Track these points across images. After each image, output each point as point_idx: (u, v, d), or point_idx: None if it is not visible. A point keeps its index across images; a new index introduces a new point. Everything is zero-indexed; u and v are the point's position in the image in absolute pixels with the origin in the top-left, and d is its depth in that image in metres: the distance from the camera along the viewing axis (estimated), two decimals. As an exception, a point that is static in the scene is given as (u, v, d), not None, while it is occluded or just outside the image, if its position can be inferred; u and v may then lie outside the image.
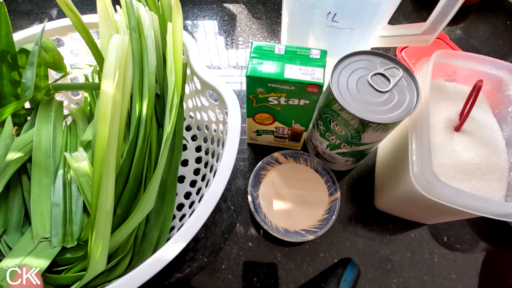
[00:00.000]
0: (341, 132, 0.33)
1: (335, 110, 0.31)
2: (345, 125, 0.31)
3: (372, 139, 0.32)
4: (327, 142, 0.37)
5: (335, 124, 0.33)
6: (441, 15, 0.36)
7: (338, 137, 0.34)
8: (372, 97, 0.30)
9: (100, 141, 0.24)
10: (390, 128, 0.31)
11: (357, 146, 0.34)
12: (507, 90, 0.36)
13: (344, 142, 0.35)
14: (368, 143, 0.33)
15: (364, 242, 0.38)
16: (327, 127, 0.35)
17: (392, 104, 0.30)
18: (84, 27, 0.31)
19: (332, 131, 0.34)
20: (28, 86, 0.31)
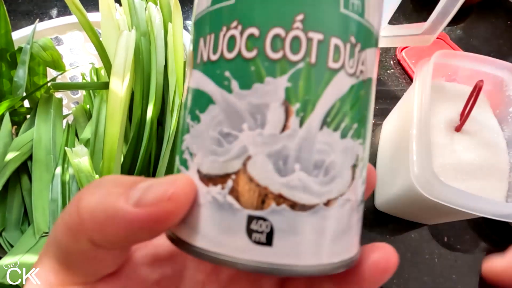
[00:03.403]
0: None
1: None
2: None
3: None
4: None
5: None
6: (441, 15, 0.36)
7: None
8: None
9: (110, 139, 0.24)
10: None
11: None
12: (507, 91, 0.36)
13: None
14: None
15: (364, 242, 0.38)
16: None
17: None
18: (90, 25, 0.31)
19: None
20: (20, 85, 0.31)
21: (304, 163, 0.10)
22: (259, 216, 0.10)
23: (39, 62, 0.34)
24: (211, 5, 0.10)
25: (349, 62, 0.10)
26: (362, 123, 0.11)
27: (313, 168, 0.10)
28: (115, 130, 0.24)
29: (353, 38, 0.10)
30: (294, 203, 0.10)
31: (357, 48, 0.10)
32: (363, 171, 0.11)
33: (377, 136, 0.46)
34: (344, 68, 0.10)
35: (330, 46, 0.09)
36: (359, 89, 0.10)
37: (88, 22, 0.31)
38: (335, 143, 0.10)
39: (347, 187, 0.10)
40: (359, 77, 0.10)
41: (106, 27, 0.32)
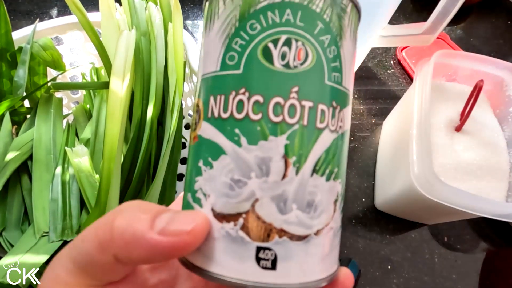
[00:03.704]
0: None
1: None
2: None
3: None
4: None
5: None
6: (441, 15, 0.36)
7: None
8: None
9: (110, 139, 0.24)
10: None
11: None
12: (508, 90, 0.36)
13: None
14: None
15: (364, 242, 0.38)
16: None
17: None
18: (90, 25, 0.31)
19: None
20: (21, 84, 0.31)
21: (299, 203, 0.12)
22: (265, 247, 0.12)
23: (39, 62, 0.34)
24: (220, 70, 0.13)
25: (331, 121, 0.12)
26: (340, 166, 0.13)
27: (306, 206, 0.12)
28: (115, 130, 0.24)
29: (335, 102, 0.13)
30: (292, 235, 0.12)
31: (337, 109, 0.13)
32: (342, 203, 0.14)
33: (377, 136, 0.46)
34: (328, 126, 0.12)
35: (318, 110, 0.12)
36: (338, 141, 0.13)
37: (88, 22, 0.31)
38: (321, 185, 0.12)
39: (330, 218, 0.13)
40: (339, 131, 0.13)
41: (106, 27, 0.32)
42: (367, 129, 0.47)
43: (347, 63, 0.13)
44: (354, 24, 0.13)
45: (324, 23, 0.12)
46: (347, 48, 0.13)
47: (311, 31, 0.12)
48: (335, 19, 0.12)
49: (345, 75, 0.13)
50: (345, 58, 0.13)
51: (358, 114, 0.49)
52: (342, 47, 0.13)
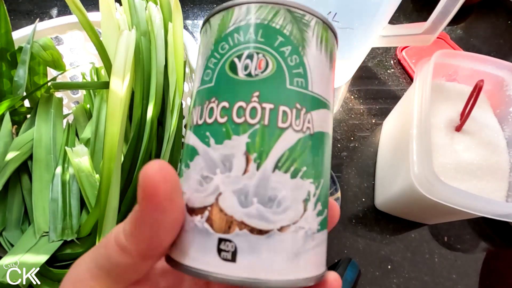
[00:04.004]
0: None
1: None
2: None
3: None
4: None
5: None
6: (441, 15, 0.36)
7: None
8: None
9: (110, 139, 0.24)
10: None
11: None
12: (508, 90, 0.36)
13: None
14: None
15: (365, 242, 0.38)
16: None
17: None
18: (90, 25, 0.31)
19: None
20: (21, 84, 0.31)
21: (260, 197, 0.12)
22: (226, 238, 0.12)
23: (39, 62, 0.34)
24: (200, 86, 0.15)
25: (295, 122, 0.13)
26: (311, 166, 0.13)
27: (268, 201, 0.12)
28: (115, 130, 0.24)
29: (298, 104, 0.13)
30: (253, 228, 0.12)
31: (303, 111, 0.13)
32: (318, 205, 0.14)
33: (377, 136, 0.46)
34: (291, 126, 0.13)
35: (279, 112, 0.13)
36: (306, 141, 0.13)
37: (88, 22, 0.31)
38: (285, 182, 0.13)
39: (299, 217, 0.13)
40: (306, 132, 0.13)
41: (106, 27, 0.32)
42: (367, 129, 0.47)
43: (314, 70, 0.14)
44: (321, 35, 0.15)
45: (284, 36, 0.14)
46: (313, 56, 0.14)
47: (271, 44, 0.14)
48: (296, 32, 0.14)
49: (312, 80, 0.14)
50: (311, 65, 0.14)
51: (358, 114, 0.49)
52: (306, 55, 0.14)
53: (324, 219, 0.14)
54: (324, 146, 0.14)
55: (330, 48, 0.15)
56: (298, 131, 0.13)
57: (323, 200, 0.14)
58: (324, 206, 0.14)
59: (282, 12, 0.14)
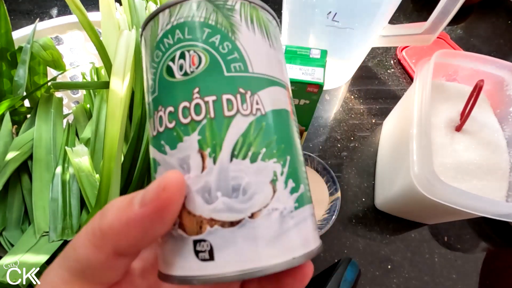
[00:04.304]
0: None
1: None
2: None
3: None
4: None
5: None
6: (441, 15, 0.36)
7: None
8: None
9: (110, 139, 0.24)
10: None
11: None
12: (508, 90, 0.36)
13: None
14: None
15: (365, 242, 0.38)
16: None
17: None
18: (90, 25, 0.31)
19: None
20: (21, 84, 0.31)
21: (223, 190, 0.12)
22: (200, 239, 0.12)
23: (39, 62, 0.34)
24: (148, 98, 0.15)
25: (242, 106, 0.13)
26: (271, 146, 0.13)
27: (232, 191, 0.12)
28: (115, 130, 0.24)
29: (242, 89, 0.13)
30: (223, 222, 0.12)
31: (248, 94, 0.13)
32: (290, 182, 0.13)
33: (377, 136, 0.46)
34: (239, 112, 0.13)
35: (223, 101, 0.13)
36: (259, 122, 0.13)
37: (88, 22, 0.31)
38: (246, 168, 0.12)
39: (269, 199, 0.13)
40: (256, 113, 0.13)
41: (107, 27, 0.32)
42: (367, 129, 0.47)
43: (251, 51, 0.14)
44: (250, 15, 0.15)
45: (210, 27, 0.14)
46: (247, 38, 0.14)
47: (199, 39, 0.14)
48: (221, 20, 0.14)
49: (251, 62, 0.14)
50: (246, 47, 0.14)
51: (358, 114, 0.49)
52: (239, 39, 0.14)
53: (301, 195, 0.14)
54: (283, 123, 0.14)
55: (264, 25, 0.15)
56: (247, 115, 0.13)
57: (294, 176, 0.14)
58: (299, 182, 0.14)
59: (203, 5, 0.14)
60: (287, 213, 0.13)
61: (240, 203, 0.12)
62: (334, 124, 0.48)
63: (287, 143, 0.14)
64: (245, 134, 0.13)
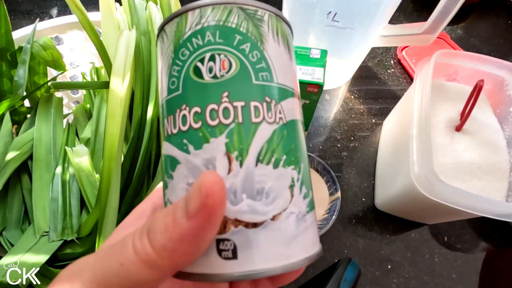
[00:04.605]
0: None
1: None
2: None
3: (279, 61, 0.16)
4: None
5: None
6: (441, 15, 0.36)
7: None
8: None
9: (110, 139, 0.24)
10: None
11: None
12: (508, 90, 0.36)
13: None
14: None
15: (365, 242, 0.38)
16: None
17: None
18: (91, 24, 0.31)
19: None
20: (21, 84, 0.31)
21: (249, 193, 0.13)
22: (224, 238, 0.13)
23: (39, 62, 0.34)
24: (167, 95, 0.15)
25: (268, 114, 0.14)
26: (290, 154, 0.14)
27: (256, 194, 0.13)
28: (115, 130, 0.24)
29: (268, 97, 0.14)
30: (248, 223, 0.13)
31: (273, 103, 0.14)
32: (303, 188, 0.14)
33: (377, 136, 0.46)
34: (265, 119, 0.13)
35: (250, 108, 0.13)
36: (281, 131, 0.14)
37: (88, 22, 0.31)
38: (269, 173, 0.13)
39: (288, 203, 0.13)
40: (279, 122, 0.14)
41: (107, 27, 0.32)
42: (367, 129, 0.47)
43: (276, 61, 0.14)
44: (276, 28, 0.15)
45: (242, 34, 0.14)
46: (272, 49, 0.15)
47: (230, 44, 0.14)
48: (252, 28, 0.14)
49: (276, 72, 0.14)
50: (272, 58, 0.14)
51: (358, 114, 0.49)
52: (266, 50, 0.14)
53: (310, 200, 0.15)
54: (298, 132, 0.15)
55: (286, 38, 0.16)
56: (272, 123, 0.14)
57: (306, 183, 0.14)
58: (308, 188, 0.15)
59: (235, 11, 0.14)
60: (301, 216, 0.14)
61: (263, 205, 0.13)
62: (334, 124, 0.48)
63: (301, 151, 0.15)
64: (270, 141, 0.13)
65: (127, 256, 0.11)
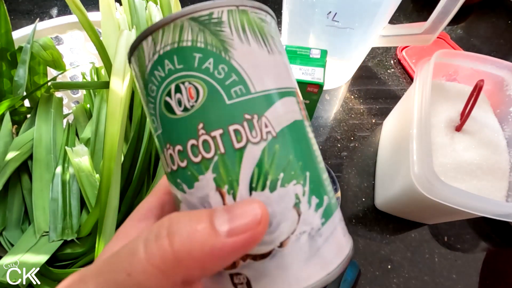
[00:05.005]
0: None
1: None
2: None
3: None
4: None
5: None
6: (442, 15, 0.36)
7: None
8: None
9: (110, 139, 0.24)
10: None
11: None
12: (508, 90, 0.36)
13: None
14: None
15: (365, 242, 0.38)
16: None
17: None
18: (91, 24, 0.31)
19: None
20: (21, 84, 0.31)
21: None
22: (236, 272, 0.12)
23: (39, 62, 0.34)
24: (154, 132, 0.14)
25: (251, 134, 0.12)
26: (289, 168, 0.12)
27: None
28: (115, 130, 0.24)
29: (247, 115, 0.12)
30: (255, 256, 0.12)
31: (255, 119, 0.12)
32: (313, 199, 0.13)
33: (377, 136, 0.46)
34: (249, 141, 0.12)
35: (230, 133, 0.12)
36: (272, 147, 0.12)
37: (88, 22, 0.31)
38: (267, 199, 0.12)
39: (296, 224, 0.12)
40: (267, 138, 0.12)
41: (107, 27, 0.32)
42: (367, 129, 0.47)
43: (250, 66, 0.12)
44: (240, 23, 0.13)
45: (200, 50, 0.12)
46: (243, 52, 0.12)
47: (191, 67, 0.12)
48: (210, 39, 0.12)
49: (251, 80, 0.12)
50: (244, 64, 0.12)
51: (358, 114, 0.49)
52: (233, 57, 0.12)
53: (327, 207, 0.13)
54: (297, 137, 0.13)
55: (258, 30, 0.13)
56: (258, 142, 0.12)
57: (317, 191, 0.13)
58: (321, 194, 0.13)
59: (186, 25, 0.12)
60: (315, 232, 0.13)
61: (268, 234, 0.12)
62: (334, 124, 0.48)
63: (305, 158, 0.13)
64: (260, 164, 0.12)
65: (137, 263, 0.10)
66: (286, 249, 0.12)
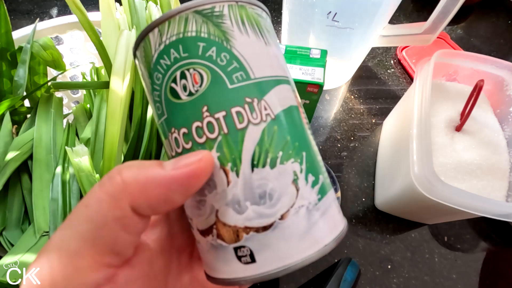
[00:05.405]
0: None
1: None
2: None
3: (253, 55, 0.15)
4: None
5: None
6: (442, 15, 0.36)
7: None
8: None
9: (110, 139, 0.24)
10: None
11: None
12: (508, 90, 0.36)
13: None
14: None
15: (365, 242, 0.38)
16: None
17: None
18: (91, 24, 0.31)
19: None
20: (21, 84, 0.31)
21: (251, 199, 0.13)
22: (239, 245, 0.13)
23: (39, 62, 0.34)
24: (158, 120, 0.15)
25: (252, 116, 0.13)
26: (287, 147, 0.14)
27: (259, 199, 0.13)
28: (115, 130, 0.24)
29: (248, 98, 0.13)
30: (257, 228, 0.13)
31: (255, 102, 0.13)
32: (310, 177, 0.14)
33: (377, 136, 0.46)
34: (250, 122, 0.13)
35: (232, 115, 0.13)
36: (271, 127, 0.13)
37: (88, 22, 0.31)
38: (268, 175, 0.13)
39: (295, 198, 0.13)
40: (267, 119, 0.13)
41: (107, 27, 0.32)
42: (367, 129, 0.47)
43: (249, 55, 0.14)
44: (240, 17, 0.14)
45: (204, 40, 0.13)
46: (242, 43, 0.14)
47: (195, 55, 0.13)
48: (213, 30, 0.13)
49: (251, 67, 0.14)
50: (244, 53, 0.14)
51: (358, 114, 0.49)
52: (234, 47, 0.13)
53: (321, 186, 0.14)
54: (294, 120, 0.14)
55: (255, 24, 0.15)
56: (258, 123, 0.13)
57: (313, 170, 0.14)
58: (317, 174, 0.14)
59: (191, 17, 0.13)
60: (312, 207, 0.14)
61: (269, 208, 0.13)
62: (334, 124, 0.48)
63: (301, 139, 0.14)
64: (260, 143, 0.13)
65: (92, 194, 0.12)
66: (286, 222, 0.13)
